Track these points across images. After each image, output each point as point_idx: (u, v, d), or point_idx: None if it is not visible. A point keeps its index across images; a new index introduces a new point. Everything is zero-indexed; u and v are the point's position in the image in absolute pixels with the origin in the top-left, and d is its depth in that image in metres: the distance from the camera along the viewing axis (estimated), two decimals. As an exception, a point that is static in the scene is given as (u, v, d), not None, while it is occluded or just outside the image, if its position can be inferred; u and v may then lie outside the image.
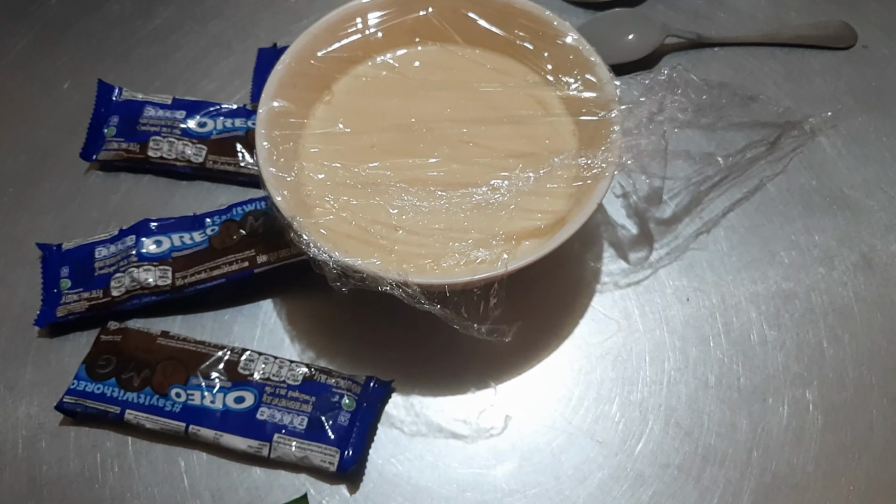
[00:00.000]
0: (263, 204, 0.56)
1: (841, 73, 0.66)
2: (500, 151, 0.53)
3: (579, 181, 0.50)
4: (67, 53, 0.68)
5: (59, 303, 0.55)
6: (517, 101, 0.55)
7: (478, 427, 0.51)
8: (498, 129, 0.54)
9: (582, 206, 0.48)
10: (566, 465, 0.50)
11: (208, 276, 0.54)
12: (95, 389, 0.51)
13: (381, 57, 0.58)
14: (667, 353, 0.53)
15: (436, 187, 0.51)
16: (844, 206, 0.59)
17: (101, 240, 0.57)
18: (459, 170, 0.53)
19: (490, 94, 0.56)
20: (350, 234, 0.50)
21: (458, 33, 0.57)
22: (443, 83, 0.56)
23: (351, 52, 0.57)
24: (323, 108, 0.56)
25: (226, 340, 0.54)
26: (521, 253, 0.49)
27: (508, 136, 0.54)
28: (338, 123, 0.55)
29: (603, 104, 0.52)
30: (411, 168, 0.53)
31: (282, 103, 0.53)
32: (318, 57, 0.55)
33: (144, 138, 0.60)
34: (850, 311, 0.55)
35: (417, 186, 0.51)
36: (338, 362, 0.53)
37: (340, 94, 0.56)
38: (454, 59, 0.57)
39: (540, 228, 0.51)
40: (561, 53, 0.55)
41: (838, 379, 0.53)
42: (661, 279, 0.56)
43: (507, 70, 0.57)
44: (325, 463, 0.49)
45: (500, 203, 0.51)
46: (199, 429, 0.50)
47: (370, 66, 0.57)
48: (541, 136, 0.54)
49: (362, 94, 0.56)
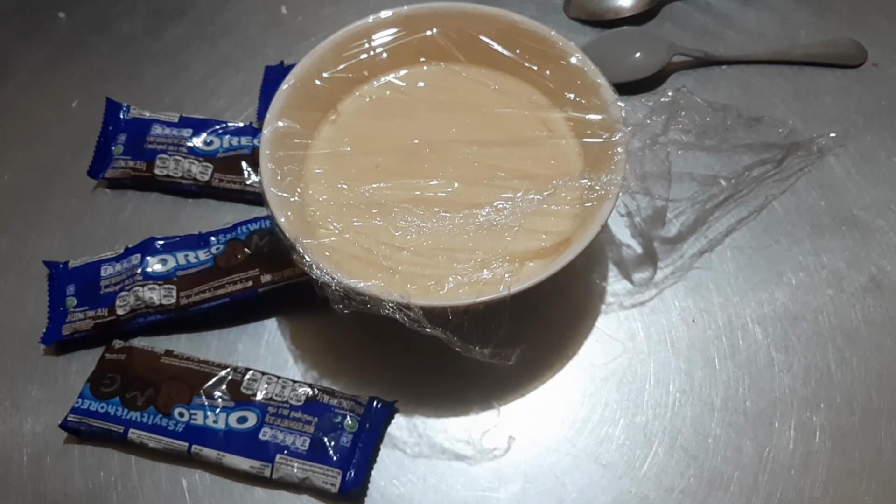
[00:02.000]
0: (269, 223, 0.57)
1: (851, 92, 0.65)
2: (505, 172, 0.53)
3: (584, 202, 0.50)
4: (77, 72, 0.69)
5: (64, 321, 0.55)
6: (522, 122, 0.55)
7: (481, 448, 0.51)
8: (503, 149, 0.54)
9: (587, 227, 0.48)
10: (570, 489, 0.50)
11: (212, 296, 0.54)
12: (100, 408, 0.51)
13: (387, 77, 0.58)
14: (672, 375, 0.53)
15: (440, 208, 0.51)
16: (853, 227, 0.59)
17: (107, 258, 0.57)
18: (464, 190, 0.53)
19: (495, 115, 0.56)
20: (354, 254, 0.50)
21: (464, 53, 0.57)
22: (448, 103, 0.56)
23: (356, 72, 0.57)
24: (328, 127, 0.56)
25: (230, 359, 0.54)
26: (525, 274, 0.49)
27: (513, 156, 0.54)
28: (343, 144, 0.55)
29: (608, 126, 0.51)
30: (415, 188, 0.53)
31: (287, 123, 0.53)
32: (324, 77, 0.56)
33: (151, 156, 0.61)
34: (858, 333, 0.54)
35: (422, 207, 0.51)
36: (341, 383, 0.53)
37: (346, 115, 0.56)
38: (459, 79, 0.58)
39: (545, 249, 0.50)
40: (566, 74, 0.55)
41: (846, 402, 0.52)
42: (666, 300, 0.56)
43: (512, 90, 0.57)
44: (328, 484, 0.49)
45: (504, 224, 0.51)
46: (202, 448, 0.50)
47: (375, 86, 0.58)
48: (546, 157, 0.54)
49: (367, 115, 0.56)
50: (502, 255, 0.50)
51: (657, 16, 0.70)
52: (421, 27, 0.57)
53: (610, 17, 0.70)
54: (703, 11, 0.71)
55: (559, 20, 0.70)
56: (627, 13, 0.70)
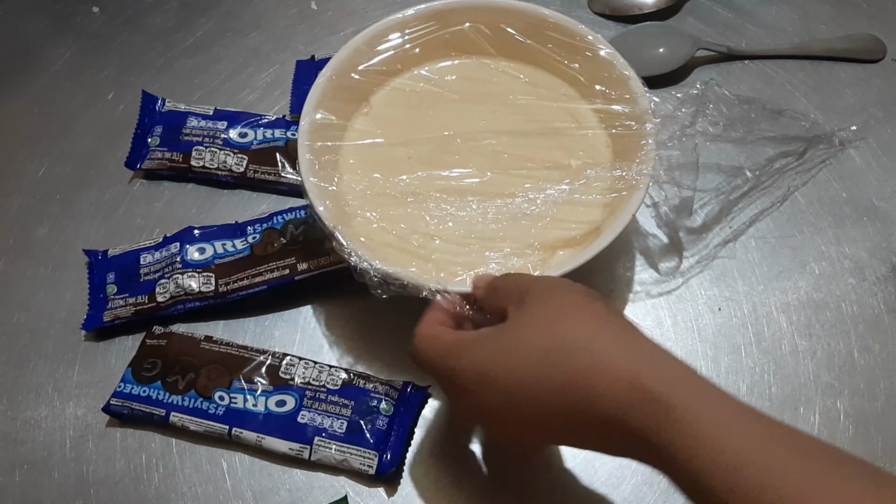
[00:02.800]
0: (303, 213, 0.58)
1: (870, 86, 0.67)
2: (535, 163, 0.55)
3: (613, 192, 0.51)
4: (111, 65, 0.70)
5: (105, 308, 0.56)
6: (552, 114, 0.57)
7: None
8: (533, 140, 0.55)
9: (616, 217, 0.50)
10: (600, 471, 0.51)
11: (250, 283, 0.55)
12: (141, 392, 0.52)
13: (419, 70, 0.59)
14: (699, 361, 0.54)
15: (472, 197, 0.53)
16: (874, 217, 0.60)
17: (146, 246, 0.58)
18: (495, 180, 0.54)
19: (525, 107, 0.57)
20: (389, 242, 0.52)
21: (494, 47, 0.59)
22: (478, 95, 0.58)
23: (389, 65, 0.58)
24: (362, 119, 0.57)
25: (267, 345, 0.55)
26: (555, 263, 0.51)
27: (543, 147, 0.55)
28: (376, 135, 0.56)
29: (637, 117, 0.53)
30: (448, 178, 0.54)
31: (323, 115, 0.54)
32: (359, 70, 0.57)
33: (187, 148, 0.62)
34: (880, 321, 0.56)
35: (454, 196, 0.53)
36: (375, 367, 0.54)
37: (379, 106, 0.58)
38: (489, 71, 0.59)
39: (575, 238, 0.52)
40: (595, 66, 0.56)
41: (869, 388, 0.53)
42: (692, 289, 0.57)
43: (541, 83, 0.58)
44: (364, 466, 0.50)
45: (535, 213, 0.52)
46: (242, 431, 0.51)
47: (408, 79, 0.59)
48: (575, 147, 0.55)
49: (400, 106, 0.58)
50: (533, 244, 0.51)
51: (680, 11, 0.72)
52: (452, 21, 0.58)
53: (634, 13, 0.71)
54: (724, 7, 0.72)
55: (583, 15, 0.71)
56: (651, 8, 0.71)
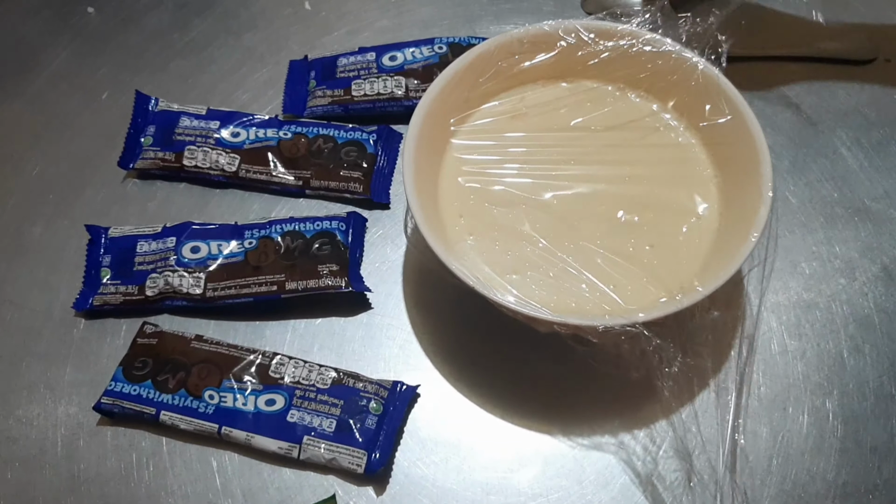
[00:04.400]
0: (302, 225, 0.58)
1: (863, 87, 0.66)
2: (642, 196, 0.53)
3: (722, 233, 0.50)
4: (106, 65, 0.71)
5: (96, 292, 0.57)
6: (656, 142, 0.55)
7: (501, 431, 0.52)
8: (636, 170, 0.54)
9: (714, 274, 0.47)
10: (588, 470, 0.51)
11: (237, 293, 0.56)
12: (132, 391, 0.53)
13: (522, 90, 0.57)
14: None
15: (576, 224, 0.52)
16: (866, 217, 0.60)
17: (146, 234, 0.59)
18: (602, 209, 0.53)
19: (635, 137, 0.55)
20: (495, 262, 0.51)
21: (603, 72, 0.57)
22: (581, 123, 0.56)
23: (494, 84, 0.57)
24: (466, 136, 0.56)
25: (257, 344, 0.55)
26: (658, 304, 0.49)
27: (648, 178, 0.54)
28: (482, 153, 0.55)
29: (748, 158, 0.51)
30: (554, 205, 0.53)
31: (429, 128, 0.53)
32: (466, 86, 0.55)
33: (180, 147, 0.62)
34: (870, 321, 0.56)
35: (558, 223, 0.52)
36: (364, 367, 0.55)
37: (483, 124, 0.56)
38: (598, 96, 0.57)
39: (669, 283, 0.50)
40: (710, 100, 0.54)
41: (859, 388, 0.53)
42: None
43: (645, 111, 0.57)
44: (353, 465, 0.50)
45: (641, 252, 0.51)
46: (232, 430, 0.51)
47: (510, 100, 0.57)
48: (679, 177, 0.54)
49: (502, 127, 0.56)
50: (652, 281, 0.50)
51: (673, 11, 0.72)
52: (554, 42, 0.56)
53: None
54: (717, 7, 0.72)
55: (576, 15, 0.72)
56: (644, 8, 0.71)
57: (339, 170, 0.61)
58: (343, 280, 0.55)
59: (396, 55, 0.66)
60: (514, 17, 0.72)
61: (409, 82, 0.64)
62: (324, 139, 0.62)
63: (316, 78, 0.66)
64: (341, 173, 0.61)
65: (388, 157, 0.63)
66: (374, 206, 0.61)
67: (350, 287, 0.55)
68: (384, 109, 0.65)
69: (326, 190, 0.61)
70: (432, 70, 0.64)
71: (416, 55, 0.65)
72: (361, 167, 0.61)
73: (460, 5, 0.73)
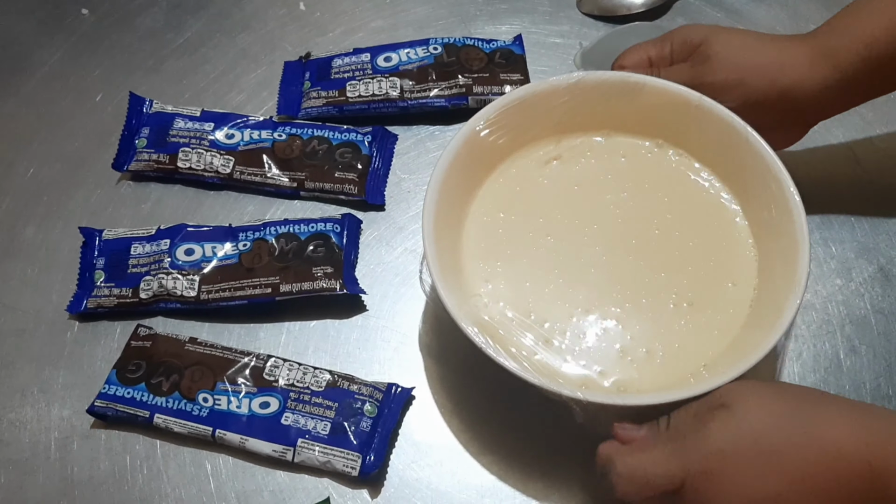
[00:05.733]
0: (296, 227, 0.58)
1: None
2: (674, 265, 0.51)
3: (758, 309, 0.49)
4: (100, 66, 0.70)
5: (90, 294, 0.57)
6: (697, 211, 0.53)
7: (495, 434, 0.52)
8: (672, 238, 0.52)
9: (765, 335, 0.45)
10: (586, 472, 0.51)
11: (231, 296, 0.56)
12: (126, 394, 0.52)
13: (555, 145, 0.56)
14: (684, 362, 0.54)
15: (606, 290, 0.51)
16: (862, 218, 0.60)
17: (139, 236, 0.59)
18: (629, 274, 0.51)
19: (667, 201, 0.54)
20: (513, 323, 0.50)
21: (648, 129, 0.55)
22: (617, 183, 0.54)
23: (525, 136, 0.55)
24: (489, 192, 0.54)
25: (252, 347, 0.55)
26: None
27: (684, 247, 0.52)
28: (507, 208, 0.54)
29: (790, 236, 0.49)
30: (582, 267, 0.52)
31: (448, 185, 0.51)
32: (488, 140, 0.54)
33: (174, 149, 0.62)
34: (867, 322, 0.55)
35: (587, 286, 0.51)
36: (359, 369, 0.54)
37: (508, 179, 0.55)
38: (638, 155, 0.55)
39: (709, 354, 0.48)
40: (754, 174, 0.52)
41: (855, 389, 0.53)
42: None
43: (686, 173, 0.55)
44: (348, 468, 0.50)
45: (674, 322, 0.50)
46: (226, 433, 0.51)
47: (541, 153, 0.56)
48: (716, 249, 0.52)
49: (531, 182, 0.55)
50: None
51: (669, 11, 0.71)
52: (593, 96, 0.54)
53: (622, 13, 0.71)
54: (714, 6, 0.72)
55: (572, 15, 0.71)
56: (640, 8, 0.71)
57: (334, 171, 0.61)
58: (338, 282, 0.55)
59: (391, 56, 0.65)
60: (509, 18, 0.71)
61: (404, 83, 0.64)
62: (318, 140, 0.62)
63: (310, 79, 0.66)
64: (336, 175, 0.61)
65: (383, 159, 0.63)
66: (369, 208, 0.61)
67: (345, 289, 0.55)
68: (379, 110, 0.64)
69: (321, 191, 0.61)
70: (427, 71, 0.64)
71: (410, 56, 0.65)
72: (356, 168, 0.61)
73: (455, 5, 0.72)
